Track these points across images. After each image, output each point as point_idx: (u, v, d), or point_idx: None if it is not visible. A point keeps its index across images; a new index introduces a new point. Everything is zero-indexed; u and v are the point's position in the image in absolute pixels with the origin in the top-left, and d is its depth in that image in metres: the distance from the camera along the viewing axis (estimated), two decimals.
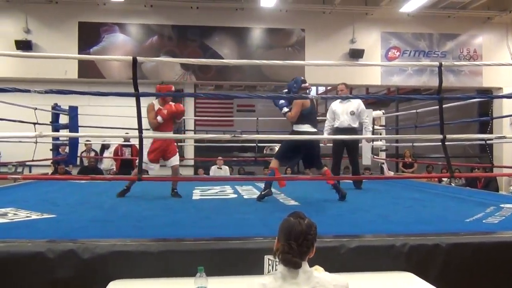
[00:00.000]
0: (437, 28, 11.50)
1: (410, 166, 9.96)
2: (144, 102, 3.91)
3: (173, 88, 5.22)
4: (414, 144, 7.57)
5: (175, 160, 5.07)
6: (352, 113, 5.81)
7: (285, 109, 4.58)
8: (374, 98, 12.80)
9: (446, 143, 3.87)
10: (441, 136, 3.86)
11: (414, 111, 7.46)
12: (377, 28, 11.37)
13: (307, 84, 4.60)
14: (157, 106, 4.94)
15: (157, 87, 5.05)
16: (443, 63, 3.82)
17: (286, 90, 4.69)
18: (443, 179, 8.88)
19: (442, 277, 2.69)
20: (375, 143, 7.63)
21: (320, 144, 5.17)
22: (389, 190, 6.01)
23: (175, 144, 5.26)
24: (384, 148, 8.13)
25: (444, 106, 3.94)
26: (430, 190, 6.19)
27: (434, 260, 2.73)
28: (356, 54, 10.94)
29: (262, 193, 4.70)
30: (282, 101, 4.65)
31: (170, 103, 4.98)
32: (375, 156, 7.75)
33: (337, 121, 5.88)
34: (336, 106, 5.95)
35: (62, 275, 2.50)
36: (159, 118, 4.88)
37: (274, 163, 4.68)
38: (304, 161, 4.86)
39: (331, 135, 5.94)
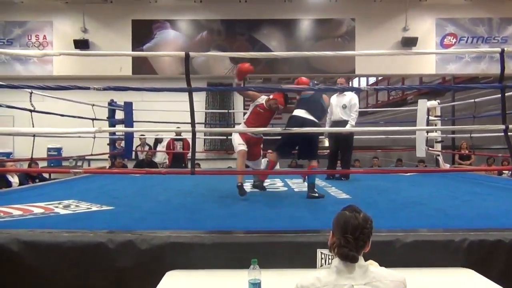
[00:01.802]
0: (497, 12, 10.85)
1: (467, 158, 9.53)
2: (196, 97, 3.98)
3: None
4: (473, 135, 7.21)
5: (259, 162, 5.01)
6: (344, 107, 5.93)
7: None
8: (429, 88, 12.34)
9: (509, 133, 3.66)
10: (503, 127, 3.66)
11: (472, 100, 7.10)
12: (431, 14, 10.89)
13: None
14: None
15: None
16: (505, 48, 3.61)
17: None
18: (503, 171, 8.43)
19: (505, 274, 2.56)
20: (430, 134, 7.36)
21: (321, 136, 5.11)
22: (446, 183, 5.78)
23: (260, 148, 5.03)
24: (439, 139, 7.82)
25: (506, 94, 3.73)
26: (491, 183, 5.90)
27: (497, 256, 2.61)
28: (409, 43, 10.54)
29: (255, 183, 4.78)
30: None
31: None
32: (430, 148, 7.47)
33: (333, 114, 6.00)
34: (333, 99, 5.99)
35: (121, 265, 2.61)
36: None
37: (272, 156, 4.73)
38: (299, 151, 4.71)
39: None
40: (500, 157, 8.57)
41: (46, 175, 7.89)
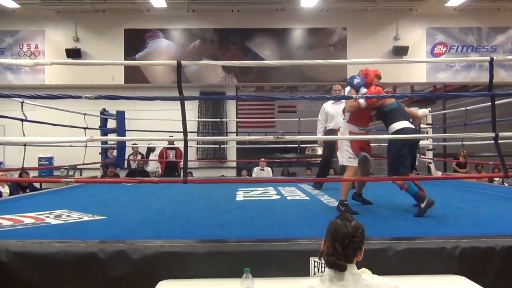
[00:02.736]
0: (486, 22, 11.02)
1: (464, 166, 9.61)
2: (188, 105, 3.98)
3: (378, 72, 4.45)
4: (464, 143, 7.28)
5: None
6: None
7: (363, 90, 4.18)
8: (420, 96, 12.44)
9: (499, 141, 3.70)
10: (493, 134, 3.70)
11: (463, 108, 7.17)
12: (422, 24, 11.04)
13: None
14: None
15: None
16: (494, 57, 3.65)
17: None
18: (494, 179, 8.49)
19: (497, 281, 2.57)
20: (421, 142, 7.40)
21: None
22: (438, 191, 5.78)
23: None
24: (431, 147, 7.87)
25: (496, 102, 3.77)
26: (482, 191, 5.93)
27: (490, 263, 2.62)
28: (400, 51, 10.68)
29: (422, 206, 3.76)
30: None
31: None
32: (421, 156, 7.51)
33: (331, 122, 5.72)
34: (328, 107, 5.77)
35: (113, 275, 2.59)
36: (362, 101, 4.11)
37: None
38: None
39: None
40: (491, 164, 8.65)
41: (37, 185, 7.82)
